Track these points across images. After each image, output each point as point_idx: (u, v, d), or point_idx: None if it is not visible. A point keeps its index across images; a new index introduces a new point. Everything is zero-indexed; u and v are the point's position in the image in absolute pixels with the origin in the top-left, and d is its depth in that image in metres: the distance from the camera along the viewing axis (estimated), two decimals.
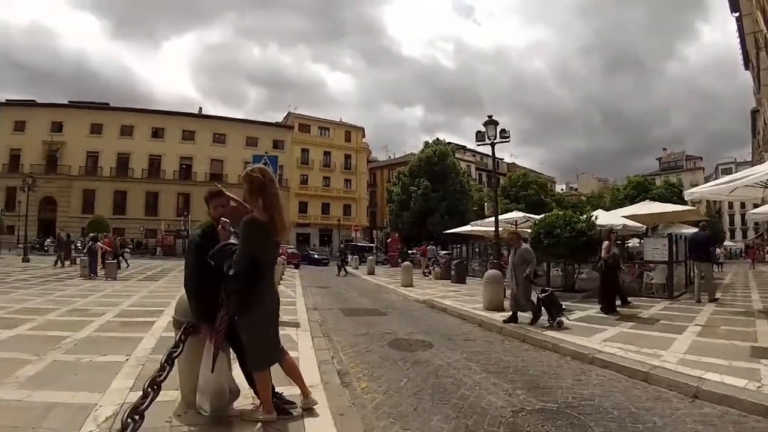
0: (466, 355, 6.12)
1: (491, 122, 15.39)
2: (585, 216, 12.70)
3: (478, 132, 15.86)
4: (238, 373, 3.70)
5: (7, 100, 49.76)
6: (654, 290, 12.18)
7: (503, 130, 15.53)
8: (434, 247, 28.13)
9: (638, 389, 4.60)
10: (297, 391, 3.65)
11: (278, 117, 64.38)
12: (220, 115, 56.84)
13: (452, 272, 18.49)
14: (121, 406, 3.60)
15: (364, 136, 62.10)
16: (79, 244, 25.62)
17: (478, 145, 16.38)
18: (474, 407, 4.03)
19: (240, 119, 56.76)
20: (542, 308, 7.66)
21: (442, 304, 11.09)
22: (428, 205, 34.62)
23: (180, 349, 3.05)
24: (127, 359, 5.11)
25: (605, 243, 9.63)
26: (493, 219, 16.97)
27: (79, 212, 45.11)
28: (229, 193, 3.54)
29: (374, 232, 60.63)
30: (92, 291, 11.74)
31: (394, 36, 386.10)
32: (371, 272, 22.73)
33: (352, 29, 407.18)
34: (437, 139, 42.73)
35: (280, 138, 54.18)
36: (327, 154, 57.71)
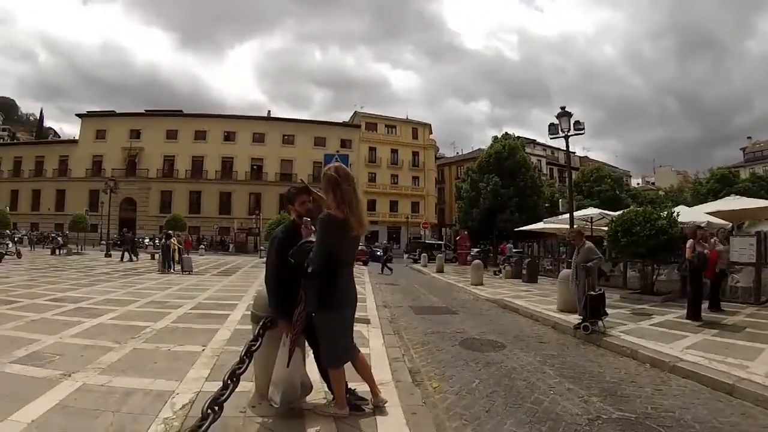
0: (540, 358, 5.87)
1: (564, 114, 14.75)
2: (665, 213, 11.83)
3: (551, 124, 15.27)
4: (311, 368, 3.68)
5: (88, 111, 56.50)
6: (739, 295, 11.08)
7: (577, 122, 14.85)
8: (512, 245, 27.31)
9: (722, 402, 4.26)
10: (368, 387, 3.62)
11: (345, 117, 65.75)
12: (288, 117, 59.09)
13: (523, 271, 17.91)
14: (197, 394, 3.71)
15: (431, 132, 61.73)
16: (147, 240, 27.37)
17: (551, 138, 15.77)
18: (548, 413, 3.88)
19: (307, 120, 58.53)
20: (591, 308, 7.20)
21: (513, 304, 10.76)
22: (498, 201, 33.69)
23: (259, 343, 3.13)
24: (203, 349, 5.28)
25: (689, 242, 8.83)
26: (567, 216, 16.34)
27: (157, 212, 48.73)
28: (314, 190, 3.57)
29: (443, 229, 60.19)
30: (169, 284, 12.40)
31: (455, 29, 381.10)
32: (440, 270, 22.50)
33: (412, 26, 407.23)
34: (506, 133, 41.56)
35: (348, 137, 55.06)
36: (394, 151, 57.93)
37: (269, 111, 65.97)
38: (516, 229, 26.15)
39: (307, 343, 3.56)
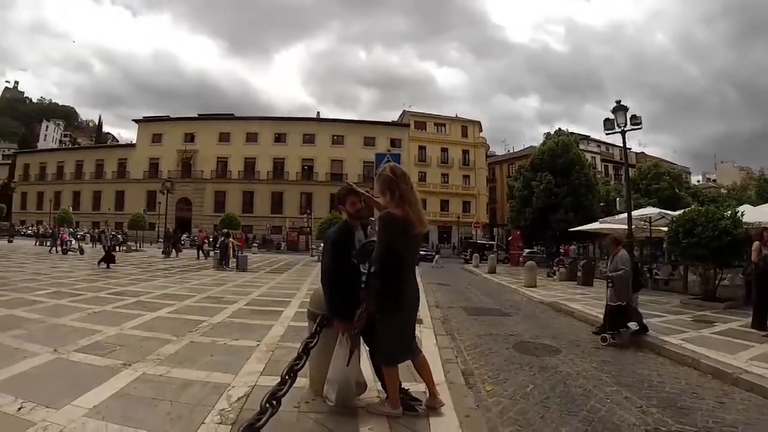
0: (596, 364, 5.64)
1: (620, 108, 14.21)
2: (729, 212, 11.11)
3: (606, 119, 14.78)
4: (365, 366, 3.70)
5: (144, 117, 60.16)
6: None
7: (633, 116, 14.29)
8: (575, 247, 26.49)
9: None
10: (423, 387, 3.63)
11: (393, 116, 66.02)
12: (336, 117, 60.18)
13: (579, 273, 17.27)
14: (252, 388, 3.79)
15: (481, 130, 60.71)
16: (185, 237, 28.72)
17: (607, 133, 15.25)
18: (605, 422, 3.77)
19: (356, 120, 59.44)
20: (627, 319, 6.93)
21: (568, 307, 10.40)
22: (551, 200, 32.79)
23: (315, 341, 3.16)
24: (258, 344, 5.39)
25: (755, 244, 8.17)
26: (624, 215, 15.70)
27: (211, 211, 51.16)
28: (362, 190, 3.59)
29: (495, 229, 59.23)
30: (224, 281, 12.79)
31: (499, 23, 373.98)
32: (492, 271, 22.13)
33: (455, 22, 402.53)
34: (559, 129, 40.43)
35: (397, 136, 55.31)
36: (444, 150, 57.51)
37: (318, 112, 67.71)
38: (570, 230, 25.38)
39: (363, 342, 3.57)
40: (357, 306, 3.28)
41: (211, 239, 25.82)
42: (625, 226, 14.76)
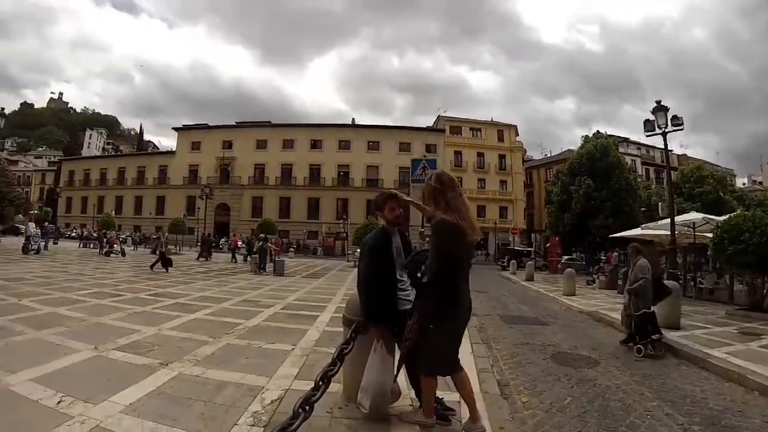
0: (637, 377, 5.39)
1: (661, 108, 13.83)
2: None
3: (647, 120, 14.41)
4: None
5: (183, 125, 62.68)
6: None
7: (674, 117, 13.88)
8: (617, 253, 25.70)
9: None
10: (457, 396, 3.55)
11: (428, 121, 65.80)
12: (371, 123, 60.36)
13: (619, 281, 16.61)
14: (286, 391, 3.81)
15: (517, 134, 59.67)
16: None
17: (647, 135, 14.89)
18: None
19: (391, 126, 59.37)
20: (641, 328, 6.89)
21: (609, 317, 9.97)
22: (591, 205, 32.03)
23: (351, 347, 3.14)
24: (293, 349, 5.40)
25: None
26: (667, 221, 15.19)
27: (249, 216, 52.28)
28: (403, 196, 3.58)
29: (532, 235, 57.91)
30: (261, 285, 12.96)
31: (532, 24, 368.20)
32: (530, 278, 21.63)
33: (487, 25, 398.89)
34: (597, 132, 39.43)
35: (432, 142, 54.80)
36: (480, 155, 56.69)
37: (353, 119, 67.93)
38: (611, 236, 24.58)
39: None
40: (393, 313, 3.27)
41: (243, 243, 26.45)
42: (668, 232, 14.25)
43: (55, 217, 56.25)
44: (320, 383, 2.57)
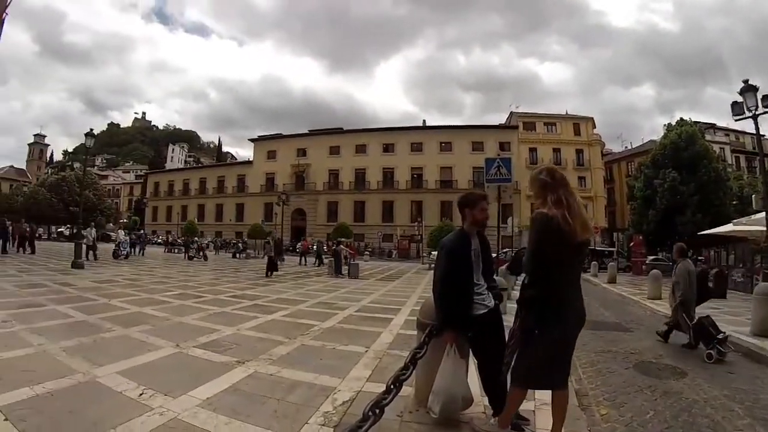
0: (727, 391, 4.87)
1: (749, 89, 12.59)
2: None
3: (734, 103, 13.17)
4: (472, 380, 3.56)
5: (259, 136, 66.58)
6: None
7: (765, 97, 12.54)
8: (714, 252, 23.76)
9: None
10: (531, 405, 3.46)
11: (500, 119, 64.14)
12: (443, 124, 59.78)
13: (709, 284, 15.26)
14: (358, 393, 3.83)
15: (594, 127, 56.36)
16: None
17: (736, 119, 13.54)
18: None
19: (463, 126, 58.55)
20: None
21: None
22: (676, 200, 29.54)
23: (424, 351, 3.08)
24: (367, 351, 5.42)
25: None
26: (762, 215, 13.77)
27: (324, 221, 53.98)
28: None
29: (614, 234, 54.58)
30: (336, 288, 13.22)
31: (600, 9, 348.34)
32: (612, 280, 20.39)
33: (553, 14, 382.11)
34: (681, 119, 36.32)
35: (506, 139, 53.44)
36: (556, 151, 54.00)
37: (424, 120, 67.91)
38: (700, 233, 22.60)
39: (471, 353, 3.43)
40: (468, 317, 3.17)
41: (314, 247, 27.81)
42: (764, 228, 12.94)
43: (142, 225, 62.10)
44: (392, 387, 2.54)
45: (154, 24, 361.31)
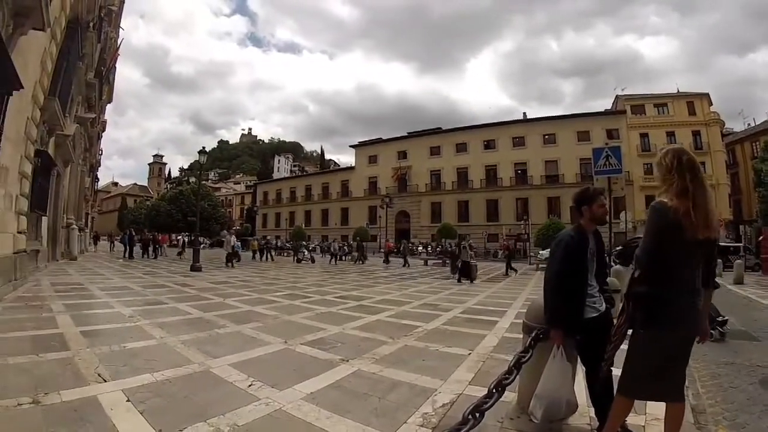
0: None
1: None
2: None
3: None
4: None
5: (359, 142, 70.08)
6: None
7: None
8: None
9: None
10: (642, 420, 3.29)
11: (603, 104, 60.12)
12: (544, 115, 56.86)
13: None
14: (458, 396, 3.81)
15: (710, 104, 49.55)
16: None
17: None
18: None
19: (565, 115, 55.03)
20: None
21: None
22: None
23: (529, 355, 3.01)
24: (470, 354, 5.35)
25: None
26: None
27: (428, 222, 54.61)
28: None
29: (740, 227, 47.62)
30: (441, 289, 13.26)
31: None
32: (739, 281, 18.01)
33: None
34: None
35: (613, 126, 49.59)
36: (670, 134, 48.03)
37: (524, 113, 65.28)
38: None
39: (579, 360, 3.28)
40: (578, 319, 3.04)
41: (401, 248, 29.49)
42: None
43: (254, 231, 67.21)
44: (494, 391, 2.51)
45: (248, 48, 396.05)
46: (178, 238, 38.00)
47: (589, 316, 3.06)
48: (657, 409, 3.38)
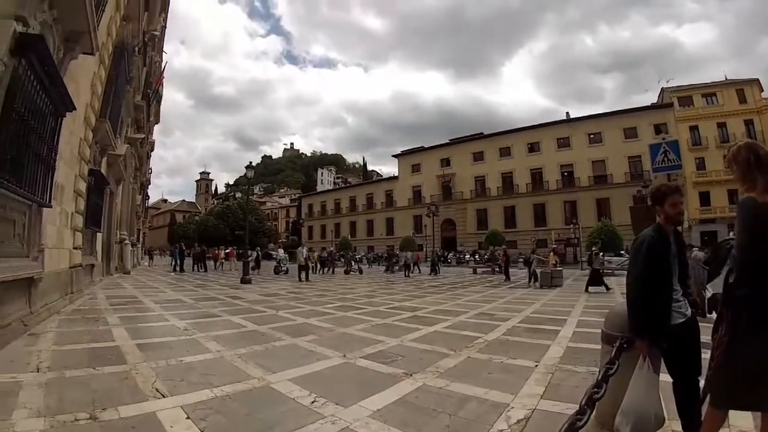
0: None
1: None
2: None
3: None
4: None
5: (402, 151, 70.03)
6: None
7: None
8: None
9: None
10: None
11: (648, 99, 57.65)
12: (587, 114, 54.98)
13: None
14: (533, 411, 3.59)
15: (761, 89, 45.68)
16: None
17: None
18: None
19: (609, 113, 52.88)
20: None
21: None
22: None
23: (616, 367, 2.80)
24: (536, 365, 5.10)
25: None
26: None
27: (474, 229, 54.07)
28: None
29: None
30: (494, 298, 12.93)
31: None
32: None
33: None
34: None
35: (660, 120, 46.14)
36: (721, 126, 45.16)
37: (567, 113, 63.45)
38: None
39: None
40: (665, 325, 2.84)
41: (427, 258, 30.26)
42: None
43: (299, 243, 67.24)
44: (585, 408, 2.30)
45: (285, 66, 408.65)
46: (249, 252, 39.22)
47: (676, 323, 2.84)
48: (742, 420, 3.15)
